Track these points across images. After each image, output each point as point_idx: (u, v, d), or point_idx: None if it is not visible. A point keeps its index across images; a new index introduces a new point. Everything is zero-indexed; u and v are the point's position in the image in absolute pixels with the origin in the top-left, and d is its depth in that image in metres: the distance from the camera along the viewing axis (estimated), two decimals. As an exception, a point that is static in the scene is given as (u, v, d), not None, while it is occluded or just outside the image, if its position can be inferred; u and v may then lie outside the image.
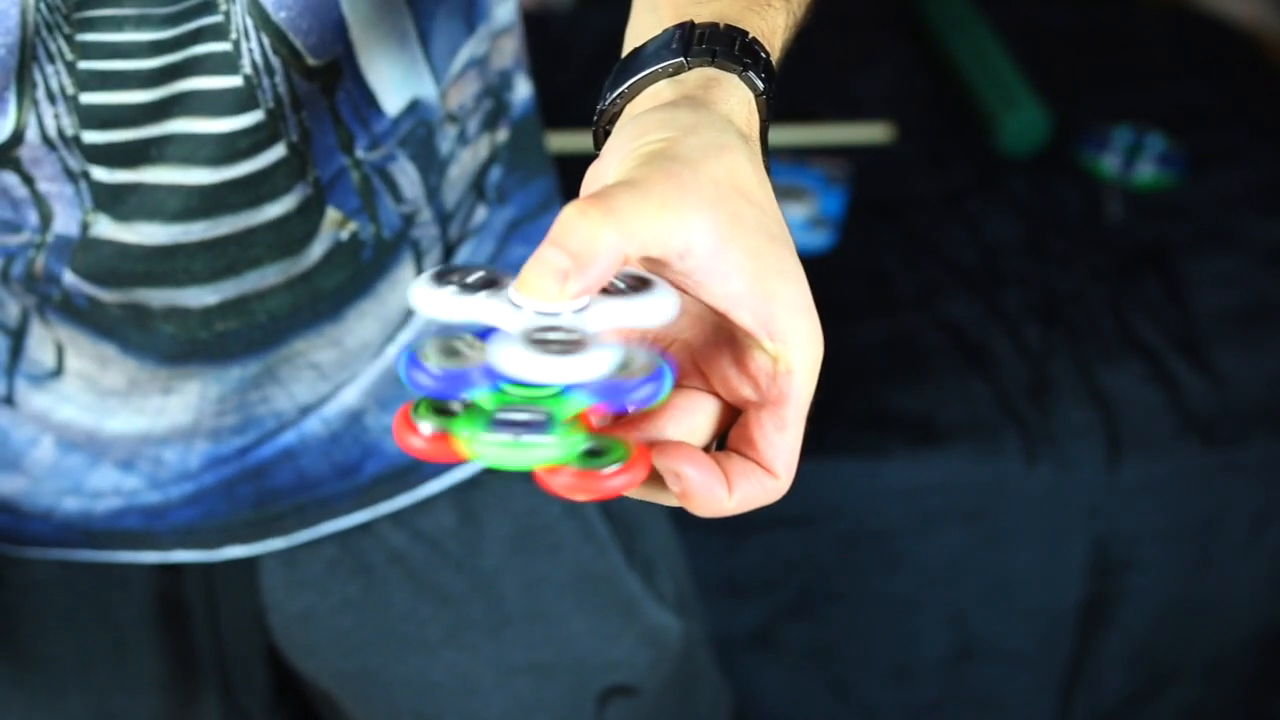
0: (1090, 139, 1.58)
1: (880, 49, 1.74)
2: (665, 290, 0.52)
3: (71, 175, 0.71)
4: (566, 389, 0.51)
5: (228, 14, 0.68)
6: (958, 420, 1.31)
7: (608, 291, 0.52)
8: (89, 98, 0.69)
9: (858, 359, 1.36)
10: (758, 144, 0.57)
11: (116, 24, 0.68)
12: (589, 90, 1.79)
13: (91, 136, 0.70)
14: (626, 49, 0.61)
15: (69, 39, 0.68)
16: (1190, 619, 1.36)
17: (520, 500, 0.88)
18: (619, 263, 0.49)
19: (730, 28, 0.59)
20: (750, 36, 0.59)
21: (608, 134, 0.59)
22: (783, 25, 0.63)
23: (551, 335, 0.50)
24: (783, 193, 1.49)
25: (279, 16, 0.69)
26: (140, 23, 0.68)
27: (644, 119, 0.54)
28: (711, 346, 0.55)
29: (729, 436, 0.55)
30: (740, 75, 0.58)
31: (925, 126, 1.63)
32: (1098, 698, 1.39)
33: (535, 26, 1.93)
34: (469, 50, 0.81)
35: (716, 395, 0.55)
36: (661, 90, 0.58)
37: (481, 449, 0.50)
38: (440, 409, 0.52)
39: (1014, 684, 1.38)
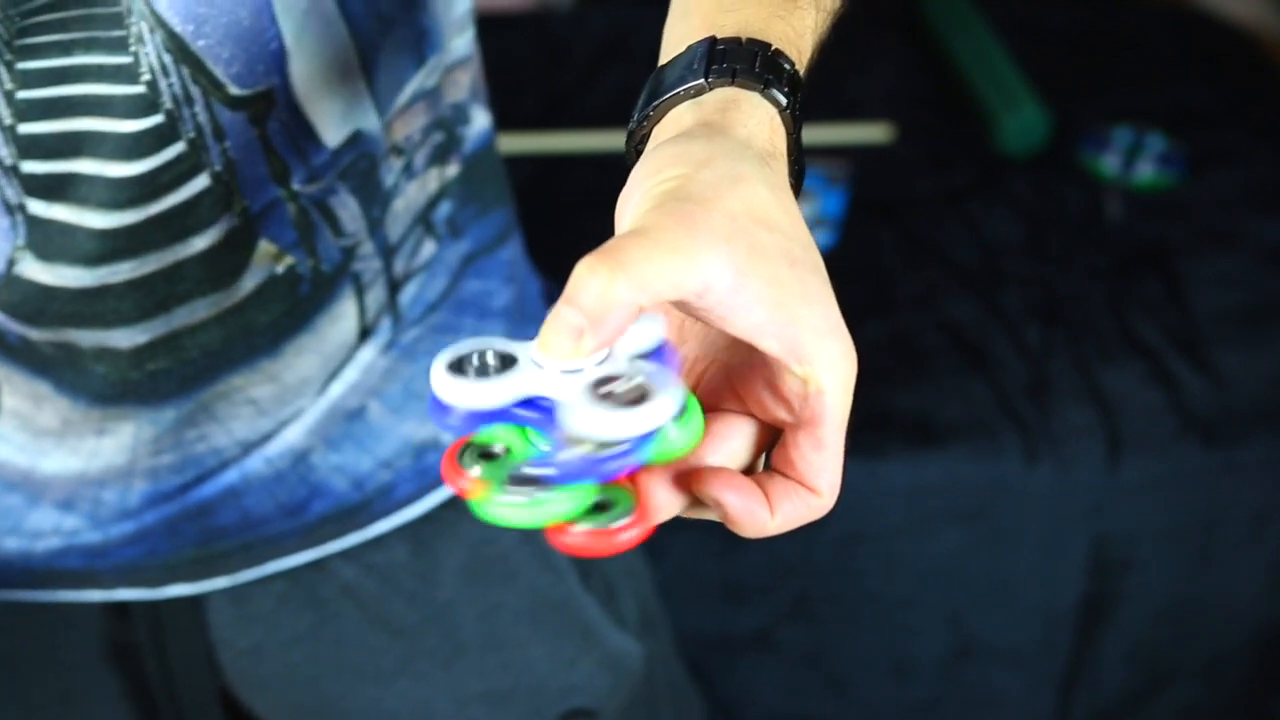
0: (1090, 139, 1.58)
1: (880, 49, 1.74)
2: (661, 401, 0.51)
3: (9, 208, 0.70)
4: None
5: (136, 55, 0.67)
6: (957, 420, 1.31)
7: (611, 398, 0.52)
8: (27, 128, 0.68)
9: (858, 359, 1.35)
10: (781, 162, 0.57)
11: (63, 49, 0.67)
12: (589, 90, 1.80)
13: (30, 167, 0.69)
14: (662, 58, 0.61)
15: (9, 66, 0.67)
16: (1190, 618, 1.36)
17: (474, 530, 0.87)
18: (634, 314, 0.50)
19: (752, 41, 0.59)
20: (773, 49, 0.59)
21: (639, 153, 0.60)
22: (812, 25, 0.62)
23: (613, 388, 0.51)
24: None
25: (197, 45, 0.68)
26: (89, 47, 0.67)
27: (660, 154, 0.54)
28: (746, 369, 0.55)
29: (771, 457, 0.55)
30: (762, 93, 0.58)
31: (925, 126, 1.63)
32: (1097, 697, 1.39)
33: (535, 26, 1.93)
34: (417, 82, 0.79)
35: (754, 417, 0.55)
36: (683, 114, 0.58)
37: (495, 510, 0.51)
38: (485, 453, 0.53)
39: (1013, 683, 1.38)
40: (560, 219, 1.47)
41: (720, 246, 0.51)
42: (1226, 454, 1.30)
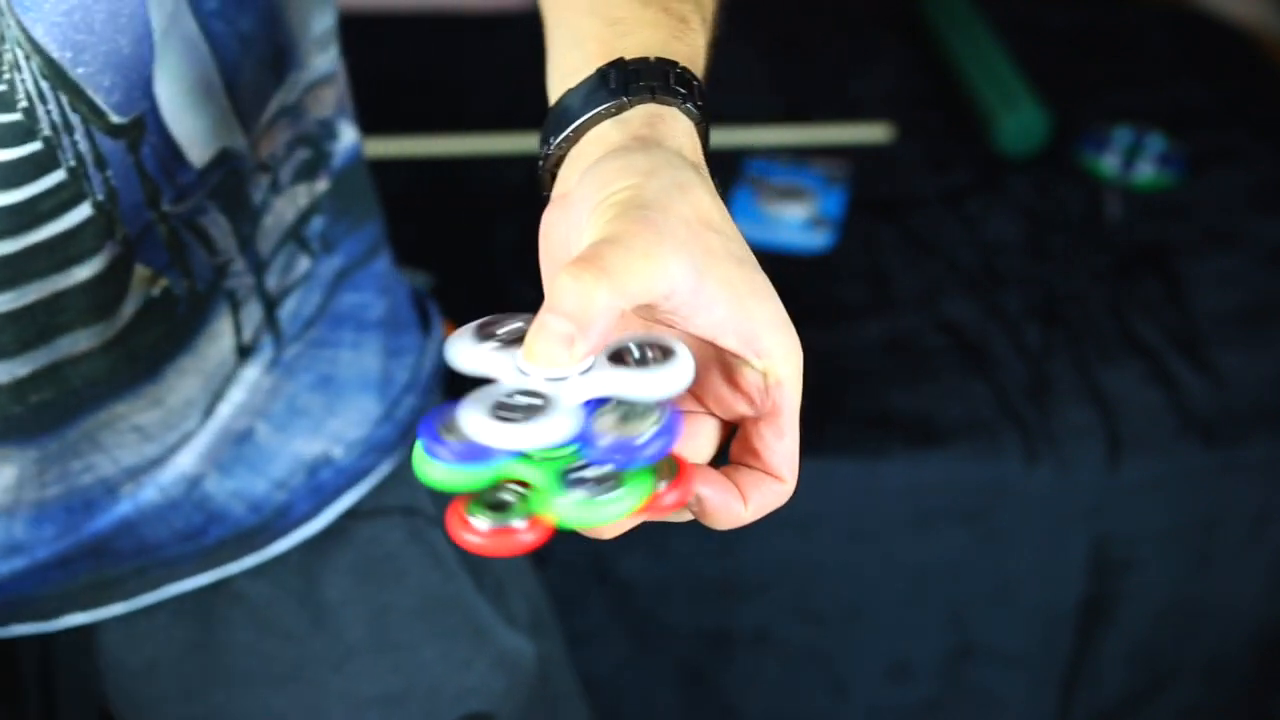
0: (1090, 139, 1.58)
1: (880, 49, 1.74)
2: (677, 364, 0.53)
3: None
4: (581, 449, 0.53)
5: (11, 81, 0.65)
6: (957, 420, 1.31)
7: (622, 361, 0.53)
8: None
9: (857, 359, 1.36)
10: (705, 171, 0.59)
11: None
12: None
13: None
14: (555, 88, 0.62)
15: None
16: (1190, 619, 1.36)
17: (361, 530, 0.87)
18: (615, 319, 0.51)
19: (661, 60, 0.61)
20: (680, 67, 0.61)
21: (553, 177, 0.61)
22: (703, 44, 0.65)
23: (517, 400, 0.52)
24: (783, 193, 1.49)
25: (76, 73, 0.66)
26: None
27: (603, 168, 0.56)
28: (703, 370, 0.57)
29: (731, 451, 0.58)
30: (680, 107, 0.60)
31: (925, 126, 1.63)
32: (1097, 697, 1.39)
33: (534, 26, 1.92)
34: (279, 99, 0.79)
35: (713, 415, 0.58)
36: (607, 132, 0.59)
37: (564, 512, 0.52)
38: (492, 504, 0.53)
39: (1014, 683, 1.38)
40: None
41: (680, 250, 0.53)
42: (1227, 454, 1.30)
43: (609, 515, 0.52)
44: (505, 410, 0.51)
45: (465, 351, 0.55)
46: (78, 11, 0.65)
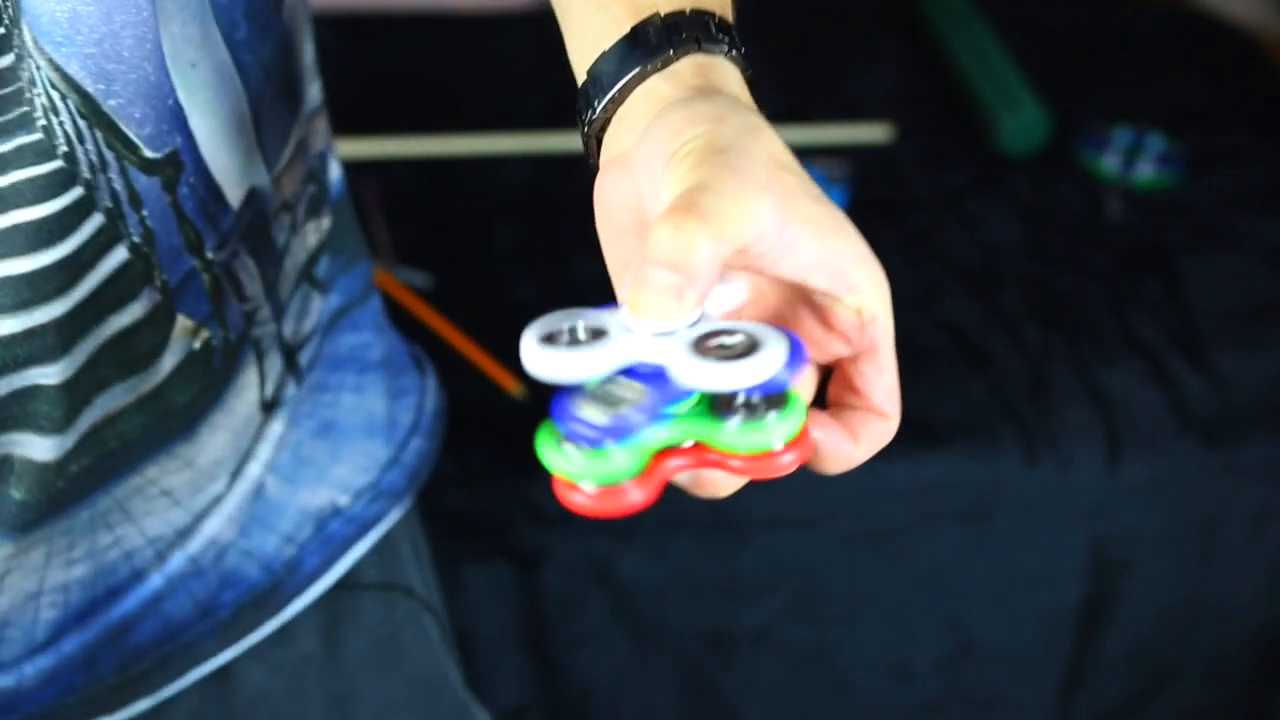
0: (1090, 139, 1.58)
1: (880, 49, 1.74)
2: (771, 351, 0.52)
3: None
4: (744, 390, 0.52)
5: (49, 126, 0.61)
6: (957, 420, 1.31)
7: (711, 352, 0.53)
8: None
9: None
10: (762, 116, 0.58)
11: None
12: None
13: None
14: (585, 54, 0.61)
15: None
16: (1190, 619, 1.37)
17: (373, 610, 0.85)
18: (719, 266, 0.51)
19: (697, 11, 0.59)
20: (718, 17, 0.60)
21: (600, 142, 0.60)
22: None
23: (715, 343, 0.52)
24: None
25: (109, 105, 0.63)
26: None
27: (668, 120, 0.55)
28: (795, 315, 0.56)
29: (830, 394, 0.58)
30: (726, 55, 0.60)
31: (925, 126, 1.63)
32: (1098, 698, 1.39)
33: (536, 26, 1.92)
34: (297, 133, 0.77)
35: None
36: (658, 87, 0.58)
37: (729, 439, 0.52)
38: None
39: (1014, 683, 1.38)
40: (561, 218, 1.47)
41: (765, 193, 0.53)
42: (1227, 454, 1.31)
43: (777, 436, 0.52)
44: (718, 354, 0.51)
45: (566, 356, 0.53)
46: (107, 40, 0.62)
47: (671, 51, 0.58)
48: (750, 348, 0.52)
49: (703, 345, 0.52)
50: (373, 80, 1.65)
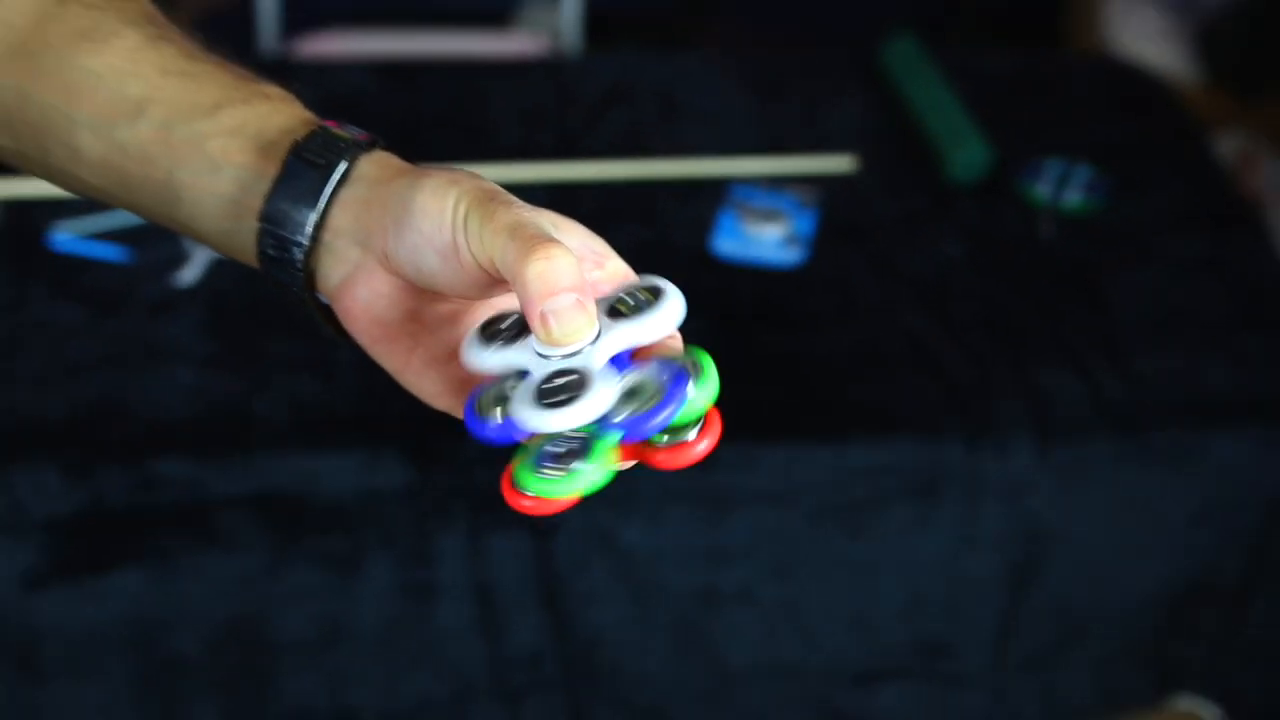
0: (1026, 170, 1.57)
1: (845, 92, 1.73)
2: (668, 299, 0.52)
3: None
4: (600, 427, 0.50)
5: None
6: (911, 412, 1.32)
7: (619, 314, 0.51)
8: None
9: (826, 359, 1.37)
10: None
11: None
12: (596, 127, 1.78)
13: None
14: (223, 207, 0.55)
15: None
16: (1105, 579, 1.38)
17: None
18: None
19: (312, 126, 0.55)
20: (320, 125, 0.56)
21: (312, 283, 0.55)
22: (277, 92, 0.58)
23: (558, 382, 0.49)
24: (763, 215, 1.49)
25: None
26: None
27: (411, 208, 0.51)
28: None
29: None
30: (374, 145, 0.56)
31: (884, 159, 1.62)
32: (1028, 645, 1.40)
33: (549, 72, 1.91)
34: None
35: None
36: (354, 194, 0.54)
37: (535, 487, 0.49)
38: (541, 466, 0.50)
39: (957, 633, 1.39)
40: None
41: (545, 210, 0.53)
42: (1138, 440, 1.32)
43: (571, 489, 0.49)
44: (551, 396, 0.49)
45: (483, 357, 0.52)
46: None
47: (344, 163, 0.54)
48: (651, 293, 0.51)
49: (620, 315, 0.51)
50: (409, 118, 1.65)
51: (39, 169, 0.59)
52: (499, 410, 0.51)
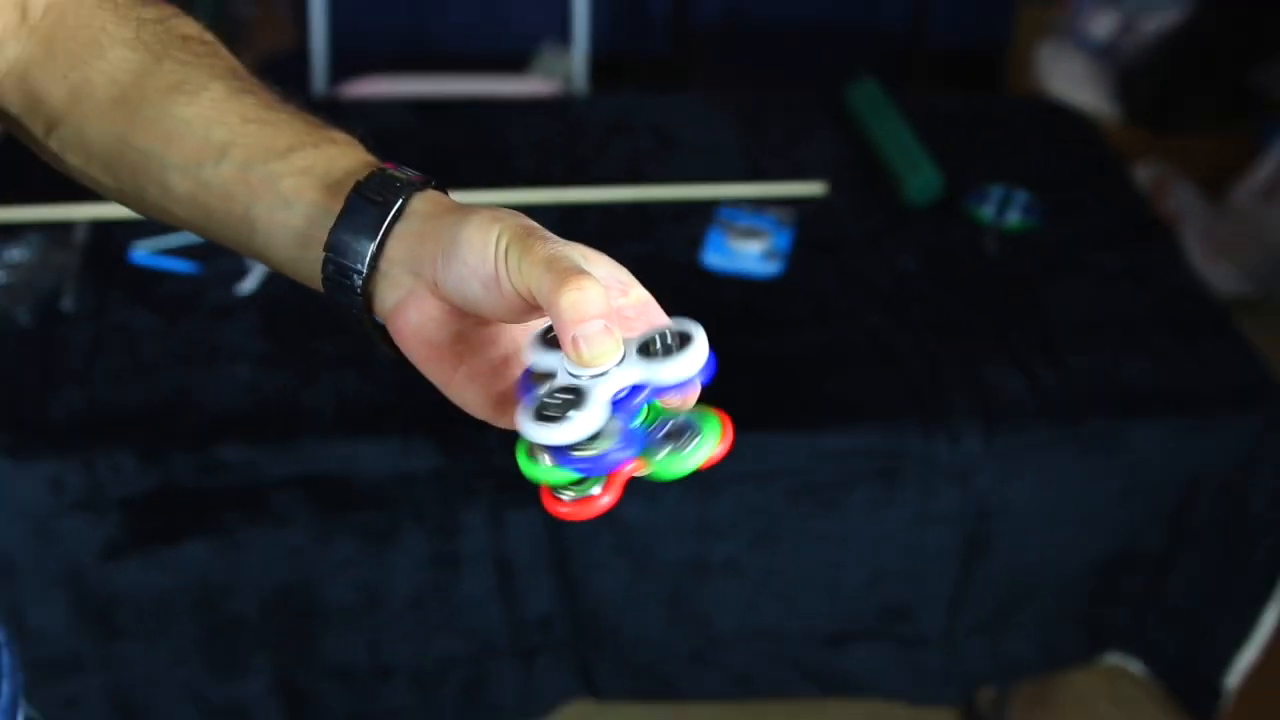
0: (973, 194, 1.56)
1: (817, 127, 1.72)
2: (685, 352, 0.48)
3: None
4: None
5: None
6: (875, 403, 1.30)
7: (649, 353, 0.49)
8: None
9: (802, 358, 1.35)
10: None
11: None
12: (601, 157, 1.79)
13: None
14: (295, 238, 0.54)
15: None
16: (1045, 551, 1.36)
17: None
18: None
19: (374, 167, 0.54)
20: (377, 164, 0.55)
21: (367, 297, 0.53)
22: (344, 137, 0.57)
23: (557, 399, 0.47)
24: (745, 232, 1.48)
25: None
26: None
27: (459, 240, 0.50)
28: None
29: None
30: (427, 186, 0.55)
31: (852, 184, 1.61)
32: (978, 609, 1.38)
33: (560, 109, 1.91)
34: None
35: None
36: (408, 232, 0.52)
37: (660, 468, 0.47)
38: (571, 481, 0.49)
39: (915, 599, 1.37)
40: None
41: (576, 244, 0.51)
42: (1071, 427, 1.30)
43: (697, 462, 0.48)
44: (548, 410, 0.47)
45: (534, 354, 0.51)
46: None
47: (400, 200, 0.53)
48: (681, 338, 0.48)
49: (649, 353, 0.48)
50: (440, 148, 1.64)
51: (135, 204, 0.59)
52: (595, 447, 0.49)
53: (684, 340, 0.49)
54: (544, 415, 0.47)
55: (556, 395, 0.48)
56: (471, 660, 1.34)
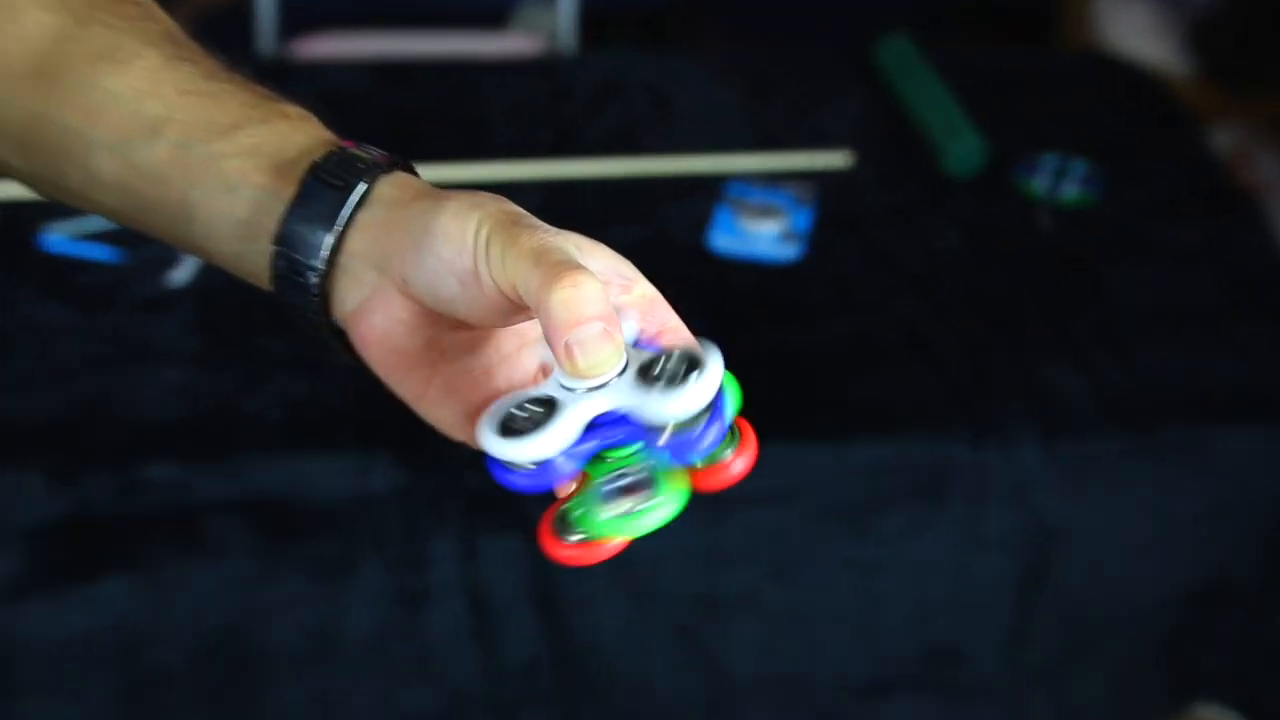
0: (1022, 164, 1.56)
1: (840, 88, 1.72)
2: (690, 386, 0.47)
3: None
4: (648, 450, 0.48)
5: None
6: (911, 408, 1.29)
7: (646, 373, 0.48)
8: None
9: (824, 354, 1.34)
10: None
11: None
12: (591, 123, 1.80)
13: None
14: (237, 229, 0.54)
15: None
16: (1119, 580, 1.34)
17: None
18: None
19: (332, 146, 0.54)
20: (336, 144, 0.55)
21: (328, 310, 0.53)
22: (298, 111, 0.57)
23: (654, 373, 0.47)
24: (759, 211, 1.48)
25: None
26: None
27: (431, 230, 0.50)
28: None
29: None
30: (401, 165, 0.55)
31: (880, 153, 1.61)
32: (1041, 651, 1.36)
33: (545, 70, 1.92)
34: None
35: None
36: (372, 216, 0.52)
37: (604, 528, 0.48)
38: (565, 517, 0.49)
39: (967, 639, 1.36)
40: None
41: (571, 233, 0.51)
42: (1144, 435, 1.29)
43: (646, 526, 0.48)
44: (514, 422, 0.48)
45: (522, 447, 0.49)
46: None
47: (362, 184, 0.53)
48: (689, 363, 0.48)
49: (648, 378, 0.47)
50: (406, 117, 1.63)
51: (51, 190, 0.59)
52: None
53: (690, 369, 0.48)
54: (509, 428, 0.47)
55: (527, 406, 0.48)
56: (441, 716, 1.34)
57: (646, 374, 0.48)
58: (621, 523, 0.48)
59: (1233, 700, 1.43)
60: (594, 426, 0.49)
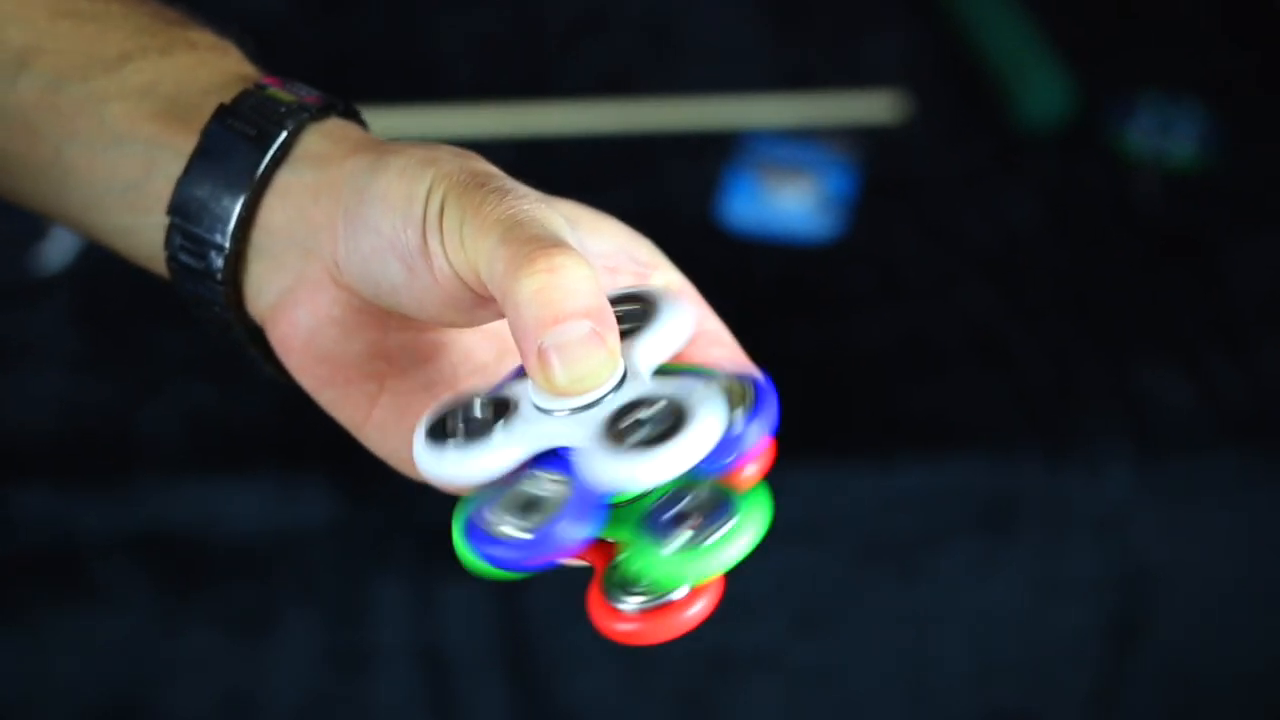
0: (1118, 110, 1.55)
1: (887, 18, 1.71)
2: (669, 300, 0.48)
3: None
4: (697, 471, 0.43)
5: None
6: (974, 422, 1.31)
7: (624, 435, 0.44)
8: None
9: (866, 356, 1.36)
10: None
11: None
12: (569, 62, 1.78)
13: None
14: (123, 196, 0.52)
15: None
16: (1230, 634, 1.37)
17: None
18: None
19: (249, 85, 0.52)
20: (258, 83, 0.53)
21: (239, 295, 0.51)
22: (209, 39, 0.55)
23: (630, 421, 0.43)
24: (785, 173, 1.48)
25: None
26: None
27: (367, 199, 0.47)
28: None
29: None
30: (338, 111, 0.54)
31: (938, 100, 1.61)
32: (1131, 718, 1.39)
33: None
34: None
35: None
36: (298, 180, 0.50)
37: (671, 570, 0.43)
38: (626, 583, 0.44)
39: (1042, 704, 1.38)
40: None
41: (561, 202, 0.50)
42: (1267, 457, 1.31)
43: (725, 560, 0.44)
44: (450, 423, 0.45)
45: (447, 463, 0.46)
46: None
47: (283, 134, 0.50)
48: (676, 419, 0.43)
49: (616, 427, 0.43)
50: (336, 53, 1.63)
51: None
52: (530, 519, 0.44)
53: (645, 306, 0.47)
54: (440, 430, 0.45)
55: (478, 407, 0.45)
56: (388, 804, 1.35)
57: (616, 422, 0.44)
58: (692, 558, 0.43)
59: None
60: (548, 461, 0.45)
